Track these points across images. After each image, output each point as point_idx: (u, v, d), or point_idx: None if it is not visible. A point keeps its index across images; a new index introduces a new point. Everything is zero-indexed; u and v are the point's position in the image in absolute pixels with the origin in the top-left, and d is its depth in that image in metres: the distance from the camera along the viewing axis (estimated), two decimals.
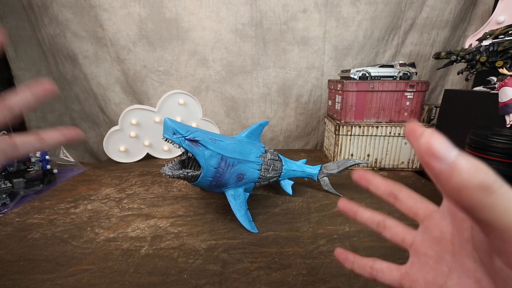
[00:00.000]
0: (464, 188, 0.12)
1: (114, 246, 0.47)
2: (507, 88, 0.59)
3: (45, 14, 0.97)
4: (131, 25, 0.99)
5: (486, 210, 0.12)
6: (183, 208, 0.61)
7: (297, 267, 0.42)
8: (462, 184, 0.12)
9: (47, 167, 0.75)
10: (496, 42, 0.68)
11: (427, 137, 0.12)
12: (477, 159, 0.12)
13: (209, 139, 0.51)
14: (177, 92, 0.91)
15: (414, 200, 0.23)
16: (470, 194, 0.12)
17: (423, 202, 0.23)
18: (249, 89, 1.09)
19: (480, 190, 0.11)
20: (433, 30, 1.01)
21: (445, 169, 0.12)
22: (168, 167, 0.49)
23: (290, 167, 0.65)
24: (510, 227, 0.12)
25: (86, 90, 1.08)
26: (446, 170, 0.12)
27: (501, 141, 0.48)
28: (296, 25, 1.01)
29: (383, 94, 0.84)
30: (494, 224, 0.12)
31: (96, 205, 0.62)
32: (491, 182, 0.11)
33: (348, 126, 0.83)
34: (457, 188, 0.12)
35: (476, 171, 0.11)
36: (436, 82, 1.09)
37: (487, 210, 0.12)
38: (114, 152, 0.91)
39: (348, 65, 1.05)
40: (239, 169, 0.54)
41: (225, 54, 1.04)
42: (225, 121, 1.13)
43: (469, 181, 0.11)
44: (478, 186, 0.11)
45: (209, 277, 0.40)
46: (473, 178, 0.11)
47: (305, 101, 1.10)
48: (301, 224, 0.54)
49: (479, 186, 0.11)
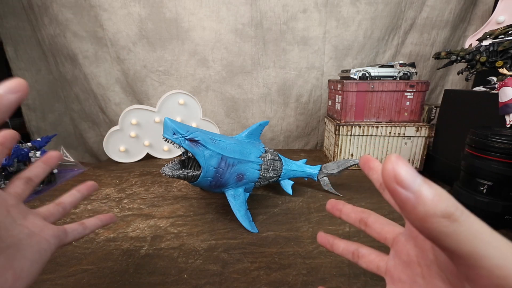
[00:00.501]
0: (429, 216, 0.12)
1: (114, 246, 0.47)
2: (507, 88, 0.59)
3: (45, 14, 0.97)
4: (131, 25, 0.99)
5: (450, 238, 0.12)
6: (183, 208, 0.61)
7: (297, 267, 0.42)
8: (426, 213, 0.12)
9: None
10: (496, 42, 0.68)
11: (393, 163, 0.12)
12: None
13: (209, 139, 0.51)
14: (177, 92, 0.91)
15: (382, 224, 0.24)
16: (434, 223, 0.12)
17: (390, 225, 0.23)
18: (249, 89, 1.09)
19: (444, 218, 0.12)
20: (433, 30, 1.01)
21: (411, 198, 0.12)
22: (168, 167, 0.49)
23: (290, 167, 0.65)
24: (474, 254, 0.12)
25: (86, 90, 1.08)
26: (411, 198, 0.12)
27: (501, 141, 0.48)
28: (296, 25, 1.01)
29: (383, 94, 0.84)
30: (459, 252, 0.12)
31: (96, 205, 0.62)
32: (454, 210, 0.12)
33: (348, 126, 0.83)
34: (422, 217, 0.12)
35: (439, 200, 0.12)
36: (436, 82, 1.09)
37: (450, 238, 0.12)
38: (114, 152, 0.91)
39: (348, 65, 1.05)
40: (239, 169, 0.54)
41: (225, 54, 1.04)
42: (225, 121, 1.13)
43: (433, 210, 0.12)
44: (441, 214, 0.12)
45: (209, 277, 0.40)
46: (436, 207, 0.12)
47: (305, 101, 1.10)
48: (301, 224, 0.54)
49: (443, 214, 0.12)
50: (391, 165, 0.12)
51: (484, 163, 0.50)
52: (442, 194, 0.12)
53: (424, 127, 0.81)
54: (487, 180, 0.51)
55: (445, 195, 0.12)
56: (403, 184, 0.12)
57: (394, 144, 0.84)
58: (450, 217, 0.12)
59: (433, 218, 0.12)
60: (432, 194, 0.12)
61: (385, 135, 0.83)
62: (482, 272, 0.12)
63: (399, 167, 0.12)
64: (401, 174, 0.12)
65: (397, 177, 0.12)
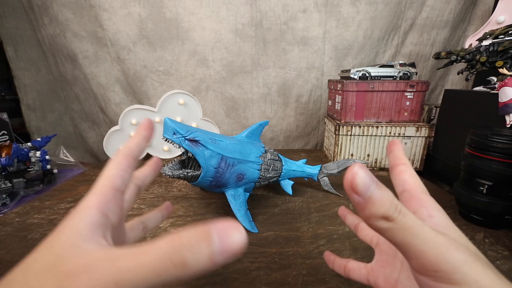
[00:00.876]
0: (372, 217, 0.16)
1: None
2: (507, 88, 0.59)
3: (45, 14, 0.97)
4: (131, 25, 0.99)
5: (387, 232, 0.16)
6: (183, 208, 0.61)
7: (297, 267, 0.42)
8: (370, 214, 0.16)
9: (47, 167, 0.75)
10: (496, 42, 0.68)
11: (353, 173, 0.16)
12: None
13: (209, 139, 0.51)
14: (177, 92, 0.91)
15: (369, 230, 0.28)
16: (375, 221, 0.16)
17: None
18: (249, 89, 1.09)
19: (383, 219, 0.16)
20: (433, 30, 1.01)
21: (361, 202, 0.16)
22: (168, 167, 0.49)
23: (290, 167, 0.65)
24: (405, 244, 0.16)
25: (86, 90, 1.08)
26: (361, 202, 0.16)
27: (501, 141, 0.48)
28: (296, 25, 1.01)
29: (383, 94, 0.84)
30: (395, 242, 0.16)
31: None
32: (392, 213, 0.16)
33: (348, 126, 0.83)
34: (367, 217, 0.16)
35: (381, 205, 0.16)
36: (436, 82, 1.09)
37: (388, 232, 0.16)
38: (114, 152, 0.91)
39: (348, 65, 1.05)
40: (239, 169, 0.54)
41: (225, 54, 1.04)
42: (225, 121, 1.13)
43: (375, 213, 0.16)
44: (381, 216, 0.16)
45: (209, 277, 0.40)
46: (378, 210, 0.16)
47: (305, 101, 1.10)
48: (301, 224, 0.54)
49: (382, 216, 0.16)
50: (351, 174, 0.16)
51: (484, 163, 0.50)
52: (385, 200, 0.16)
53: (424, 127, 0.81)
54: (487, 180, 0.51)
55: (387, 201, 0.16)
56: (357, 192, 0.16)
57: None
58: (388, 218, 0.16)
59: (375, 218, 0.16)
60: (378, 201, 0.15)
61: (385, 135, 0.83)
62: (412, 256, 0.16)
63: (356, 177, 0.15)
64: (357, 183, 0.15)
65: (353, 186, 0.16)
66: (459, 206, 0.57)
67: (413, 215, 0.16)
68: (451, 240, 0.16)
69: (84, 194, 0.17)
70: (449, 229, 0.19)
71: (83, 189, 0.70)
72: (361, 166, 0.16)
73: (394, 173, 0.22)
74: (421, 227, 0.16)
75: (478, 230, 0.52)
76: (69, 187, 0.72)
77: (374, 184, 0.16)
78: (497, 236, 0.50)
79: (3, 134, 0.80)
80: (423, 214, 0.19)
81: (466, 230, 0.52)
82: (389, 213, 0.15)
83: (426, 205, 0.20)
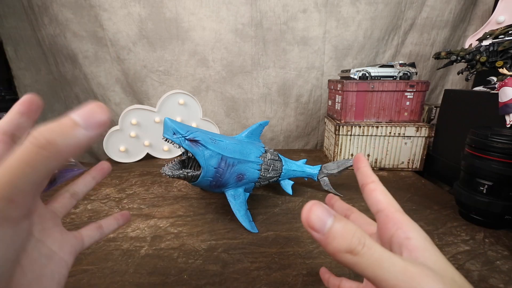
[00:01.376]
0: (336, 253, 0.15)
1: (114, 246, 0.47)
2: (507, 88, 0.59)
3: (45, 14, 0.97)
4: (131, 25, 0.99)
5: (355, 267, 0.15)
6: (183, 208, 0.61)
7: (297, 267, 0.42)
8: (334, 250, 0.15)
9: None
10: (496, 42, 0.68)
11: (307, 211, 0.16)
12: None
13: (209, 139, 0.51)
14: (177, 92, 0.91)
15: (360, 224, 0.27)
16: (341, 257, 0.15)
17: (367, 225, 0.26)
18: (249, 89, 1.09)
19: (347, 253, 0.15)
20: (433, 30, 1.01)
21: (322, 239, 0.15)
22: (168, 167, 0.49)
23: (290, 167, 0.65)
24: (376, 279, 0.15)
25: (86, 90, 1.08)
26: (322, 239, 0.15)
27: (501, 141, 0.48)
28: (296, 25, 1.01)
29: (383, 94, 0.84)
30: (365, 276, 0.15)
31: (96, 205, 0.62)
32: (355, 246, 0.15)
33: (348, 126, 0.83)
34: (332, 253, 0.15)
35: (343, 239, 0.15)
36: (436, 82, 1.09)
37: (355, 267, 0.15)
38: (114, 152, 0.91)
39: (348, 65, 1.05)
40: (239, 169, 0.54)
41: (225, 54, 1.04)
42: (225, 121, 1.13)
43: (338, 248, 0.15)
44: (345, 250, 0.15)
45: (209, 278, 0.40)
46: (341, 246, 0.15)
47: (305, 101, 1.10)
48: (301, 224, 0.54)
49: (346, 250, 0.15)
50: (305, 213, 0.16)
51: (484, 163, 0.50)
52: (347, 233, 0.15)
53: (424, 127, 0.81)
54: (487, 180, 0.51)
55: (349, 234, 0.15)
56: (314, 229, 0.15)
57: (394, 144, 0.84)
58: (352, 251, 0.15)
59: (340, 254, 0.15)
60: (338, 235, 0.15)
61: (385, 135, 0.83)
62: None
63: (311, 214, 0.15)
64: (312, 221, 0.15)
65: (309, 223, 0.15)
66: (459, 206, 0.57)
67: (380, 246, 0.15)
68: (424, 270, 0.15)
69: None
70: (427, 251, 0.18)
71: None
72: (315, 202, 0.16)
73: (365, 193, 0.22)
74: (389, 258, 0.15)
75: (478, 230, 0.52)
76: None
77: (331, 218, 0.15)
78: (497, 236, 0.50)
79: None
80: (400, 236, 0.18)
81: (466, 230, 0.52)
82: (352, 247, 0.15)
83: (402, 226, 0.19)
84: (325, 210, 0.16)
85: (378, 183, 0.22)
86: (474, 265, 0.42)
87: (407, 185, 0.75)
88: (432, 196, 0.67)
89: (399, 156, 0.85)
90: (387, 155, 0.85)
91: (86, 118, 0.13)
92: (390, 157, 0.85)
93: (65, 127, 0.13)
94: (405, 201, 0.64)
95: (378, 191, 0.21)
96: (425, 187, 0.73)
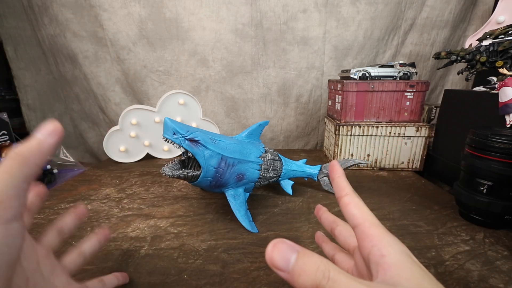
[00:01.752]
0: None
1: (114, 246, 0.47)
2: (507, 88, 0.59)
3: (45, 14, 0.97)
4: (131, 25, 0.99)
5: None
6: (183, 208, 0.61)
7: None
8: (301, 286, 0.15)
9: (47, 167, 0.75)
10: (496, 42, 0.68)
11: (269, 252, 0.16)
12: None
13: (209, 139, 0.51)
14: (177, 92, 0.91)
15: (344, 237, 0.29)
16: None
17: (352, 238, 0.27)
18: (249, 89, 1.09)
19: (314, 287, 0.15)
20: (433, 30, 1.01)
21: (287, 277, 0.15)
22: (168, 167, 0.49)
23: (290, 167, 0.65)
24: None
25: (86, 90, 1.08)
26: (288, 277, 0.15)
27: (501, 141, 0.48)
28: (296, 25, 1.01)
29: (383, 94, 0.84)
30: None
31: (96, 205, 0.62)
32: (320, 280, 0.15)
33: (348, 126, 0.83)
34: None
35: (307, 276, 0.15)
36: (436, 82, 1.09)
37: None
38: (114, 152, 0.91)
39: (348, 65, 1.05)
40: (239, 169, 0.54)
41: (225, 54, 1.04)
42: (225, 121, 1.13)
43: (304, 284, 0.15)
44: (311, 286, 0.15)
45: (209, 278, 0.40)
46: (306, 282, 0.15)
47: (305, 101, 1.10)
48: (301, 224, 0.54)
49: (312, 286, 0.15)
50: (269, 252, 0.16)
51: (484, 163, 0.50)
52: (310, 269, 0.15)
53: (424, 127, 0.81)
54: (487, 180, 0.51)
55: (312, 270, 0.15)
56: (279, 268, 0.15)
57: (394, 144, 0.84)
58: (318, 286, 0.15)
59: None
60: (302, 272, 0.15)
61: (385, 135, 0.83)
62: None
63: (273, 253, 0.15)
64: (276, 260, 0.15)
65: (273, 263, 0.15)
66: (459, 206, 0.57)
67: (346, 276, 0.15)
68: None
69: (84, 194, 0.18)
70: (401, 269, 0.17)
71: (83, 189, 0.70)
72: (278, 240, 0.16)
73: (341, 206, 0.22)
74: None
75: (478, 230, 0.52)
76: (69, 187, 0.72)
77: (294, 254, 0.15)
78: (497, 236, 0.50)
79: (3, 134, 0.80)
80: (376, 254, 0.18)
81: (466, 230, 0.52)
82: (317, 282, 0.15)
83: (377, 242, 0.19)
84: (288, 246, 0.16)
85: (353, 195, 0.21)
86: (474, 265, 0.42)
87: (407, 185, 0.75)
88: (432, 196, 0.67)
89: (399, 156, 0.85)
90: (387, 155, 0.85)
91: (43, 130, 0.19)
92: (390, 157, 0.85)
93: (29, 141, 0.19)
94: (405, 201, 0.64)
95: (353, 204, 0.21)
96: (425, 187, 0.73)
